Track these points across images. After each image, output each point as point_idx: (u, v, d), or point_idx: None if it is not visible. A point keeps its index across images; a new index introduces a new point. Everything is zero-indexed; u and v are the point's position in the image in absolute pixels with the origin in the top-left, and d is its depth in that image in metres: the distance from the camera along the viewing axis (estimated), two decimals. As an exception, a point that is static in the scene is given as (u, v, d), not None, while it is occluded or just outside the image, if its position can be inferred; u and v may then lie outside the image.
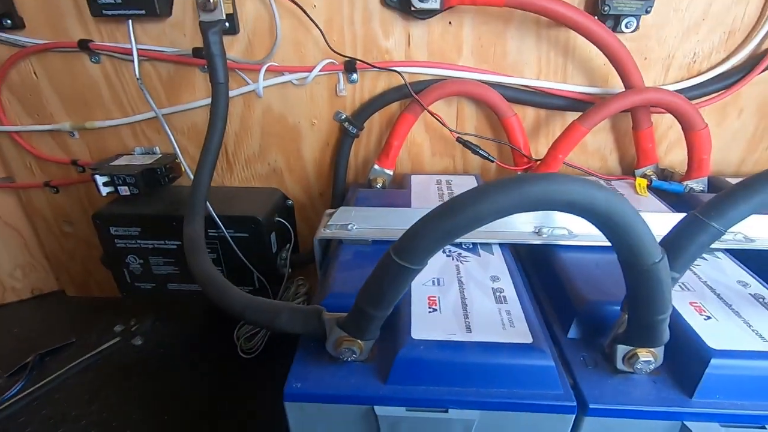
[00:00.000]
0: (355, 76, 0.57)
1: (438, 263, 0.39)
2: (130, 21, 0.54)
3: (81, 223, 0.71)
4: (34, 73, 0.60)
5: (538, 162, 0.56)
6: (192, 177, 0.59)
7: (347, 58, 0.56)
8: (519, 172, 0.58)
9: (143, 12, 0.53)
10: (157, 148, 0.64)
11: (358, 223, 0.44)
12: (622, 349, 0.30)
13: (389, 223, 0.44)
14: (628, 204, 0.23)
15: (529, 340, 0.30)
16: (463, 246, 0.42)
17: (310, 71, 0.56)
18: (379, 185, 0.59)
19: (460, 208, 0.23)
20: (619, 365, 0.31)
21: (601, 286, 0.36)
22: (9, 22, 0.56)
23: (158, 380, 0.62)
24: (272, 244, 0.61)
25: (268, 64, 0.56)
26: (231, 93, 0.55)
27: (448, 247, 0.42)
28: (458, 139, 0.55)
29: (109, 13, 0.53)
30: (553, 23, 0.53)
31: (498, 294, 0.35)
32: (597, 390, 0.30)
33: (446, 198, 0.52)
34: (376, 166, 0.59)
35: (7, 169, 0.68)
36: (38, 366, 0.63)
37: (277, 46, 0.55)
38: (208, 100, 0.59)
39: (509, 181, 0.23)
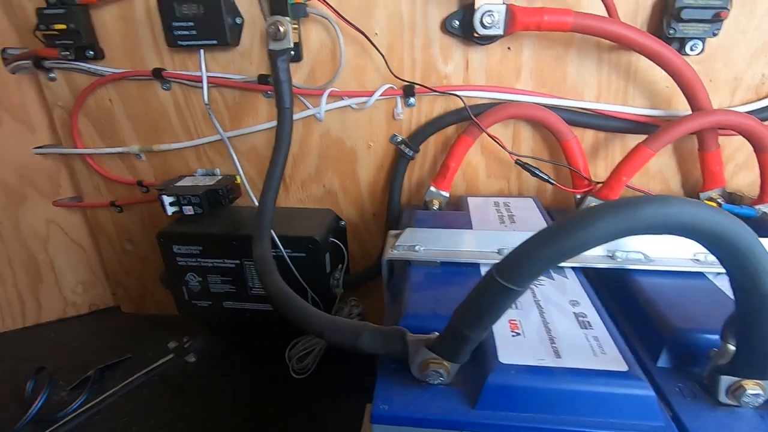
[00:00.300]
0: (412, 99, 0.59)
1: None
2: (201, 50, 0.57)
3: (141, 242, 0.74)
4: (110, 100, 0.64)
5: (599, 185, 0.55)
6: (253, 197, 0.61)
7: (407, 83, 0.57)
8: (577, 195, 0.57)
9: (215, 42, 0.56)
10: (218, 169, 0.67)
11: (425, 244, 0.44)
12: (726, 381, 0.28)
13: (456, 244, 0.44)
14: (748, 227, 0.22)
15: (624, 367, 0.29)
16: (535, 269, 0.42)
17: (370, 96, 0.58)
18: (435, 207, 0.59)
19: (570, 231, 0.23)
20: (722, 398, 0.29)
21: (689, 313, 0.35)
22: (92, 53, 0.60)
23: (210, 398, 0.62)
24: (327, 264, 0.62)
25: (330, 90, 0.58)
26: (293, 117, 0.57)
27: (518, 269, 0.42)
28: (517, 161, 0.55)
29: (184, 43, 0.57)
30: (615, 46, 0.54)
31: (581, 319, 0.34)
32: (700, 423, 0.28)
33: (507, 220, 0.52)
34: (432, 188, 0.59)
35: (77, 188, 0.72)
36: (98, 380, 0.64)
37: (341, 72, 0.57)
38: (270, 124, 0.62)
39: (622, 204, 0.22)
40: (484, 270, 0.42)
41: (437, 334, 0.33)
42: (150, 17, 0.58)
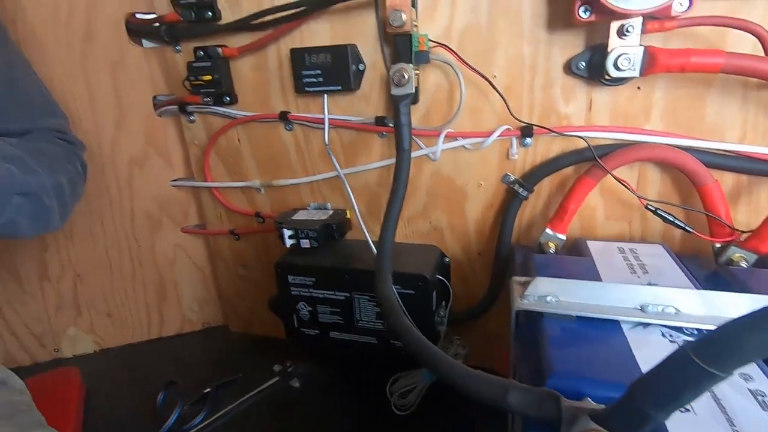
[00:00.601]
0: (529, 140, 0.58)
1: (663, 349, 0.36)
2: (325, 96, 0.62)
3: (254, 268, 0.79)
4: (238, 139, 0.70)
5: (745, 233, 0.50)
6: (365, 232, 0.63)
7: (525, 124, 0.56)
8: (717, 244, 0.52)
9: (339, 88, 0.60)
10: (329, 204, 0.70)
11: (558, 295, 0.42)
12: None
13: (591, 297, 0.42)
14: None
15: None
16: (686, 331, 0.38)
17: (485, 136, 0.58)
18: (551, 250, 0.57)
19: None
20: None
21: None
22: (228, 99, 0.67)
23: (314, 426, 0.64)
24: (434, 302, 0.62)
25: (447, 131, 0.59)
26: (409, 157, 0.59)
27: (667, 329, 0.39)
28: (647, 207, 0.52)
29: (311, 89, 0.61)
30: (764, 84, 0.49)
31: (759, 398, 0.31)
32: None
33: (638, 270, 0.49)
34: (548, 231, 0.57)
35: (202, 217, 0.79)
36: (215, 397, 0.69)
37: (459, 114, 0.58)
38: (382, 163, 0.64)
39: None
40: (625, 327, 0.40)
41: (589, 399, 0.31)
42: (280, 67, 0.63)
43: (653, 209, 0.52)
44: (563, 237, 0.57)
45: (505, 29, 0.55)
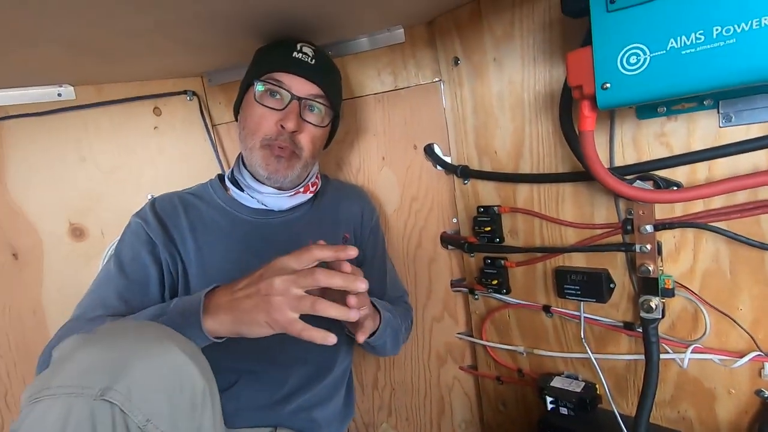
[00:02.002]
0: (783, 365, 0.66)
1: None
2: (582, 303, 0.84)
3: (512, 408, 1.03)
4: (508, 315, 0.99)
5: None
6: (614, 408, 0.80)
7: (776, 355, 0.66)
8: None
9: (593, 300, 0.82)
10: (580, 375, 0.90)
11: None
12: None
13: None
14: None
15: None
16: None
17: (734, 356, 0.69)
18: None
19: None
20: None
21: None
22: (504, 291, 0.97)
23: None
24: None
25: (694, 346, 0.73)
26: (657, 363, 0.75)
27: None
28: None
29: (571, 297, 0.85)
30: None
31: None
32: None
33: None
34: (812, 457, 0.62)
35: (474, 360, 1.09)
36: None
37: (705, 338, 0.71)
38: (628, 356, 0.81)
39: None
40: None
41: None
42: (545, 276, 0.90)
43: None
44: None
45: (748, 275, 0.67)
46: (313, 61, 0.83)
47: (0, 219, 1.01)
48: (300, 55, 0.82)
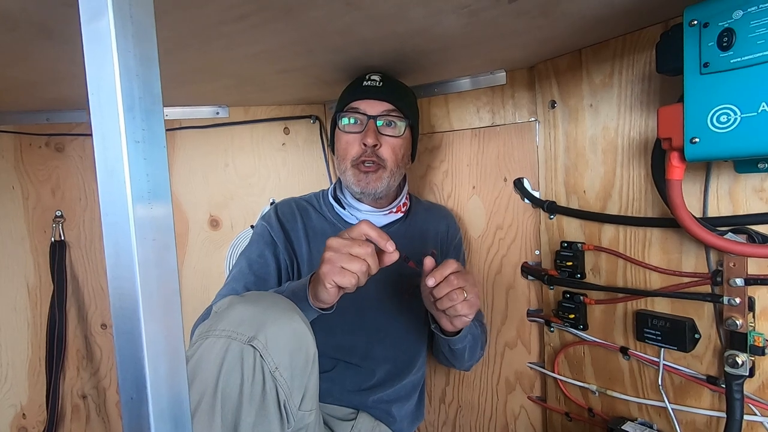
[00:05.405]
0: None
1: None
2: (662, 349, 0.84)
3: (578, 447, 1.03)
4: (583, 353, 1.00)
5: None
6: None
7: None
8: None
9: (675, 348, 0.82)
10: (655, 425, 0.88)
11: None
12: None
13: None
14: None
15: None
16: None
17: (831, 430, 0.65)
18: None
19: None
20: None
21: None
22: (581, 326, 0.99)
23: None
24: None
25: (783, 413, 0.70)
26: (740, 422, 0.72)
27: None
28: None
29: (651, 342, 0.85)
30: None
31: None
32: None
33: None
34: None
35: (544, 392, 1.11)
36: None
37: (797, 404, 0.68)
38: (710, 413, 0.79)
39: None
40: None
41: None
42: (625, 317, 0.91)
43: None
44: None
45: None
46: (381, 83, 0.93)
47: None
48: (369, 82, 0.94)
